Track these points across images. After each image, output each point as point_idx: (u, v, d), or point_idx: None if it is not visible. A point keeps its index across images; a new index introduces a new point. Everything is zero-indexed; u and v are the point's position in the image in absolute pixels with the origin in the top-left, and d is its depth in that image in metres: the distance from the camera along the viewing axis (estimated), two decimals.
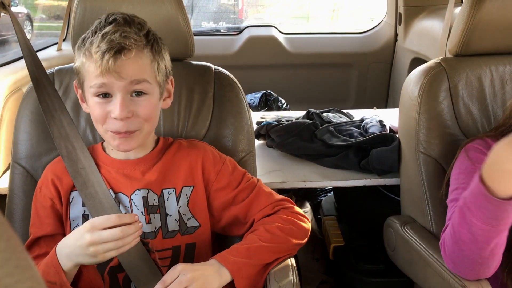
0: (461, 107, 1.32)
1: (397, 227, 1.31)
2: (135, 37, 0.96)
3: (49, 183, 1.07)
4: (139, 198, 1.05)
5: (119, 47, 0.94)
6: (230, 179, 1.11)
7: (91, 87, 0.97)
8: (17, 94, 1.61)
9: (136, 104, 0.99)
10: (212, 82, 1.31)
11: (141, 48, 0.98)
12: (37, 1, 5.87)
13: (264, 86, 2.79)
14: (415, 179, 1.31)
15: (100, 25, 0.98)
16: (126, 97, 0.97)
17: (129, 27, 0.97)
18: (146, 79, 0.98)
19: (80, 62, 0.99)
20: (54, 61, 2.02)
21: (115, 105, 0.96)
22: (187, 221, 1.08)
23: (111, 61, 0.93)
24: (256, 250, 1.01)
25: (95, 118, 1.01)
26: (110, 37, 0.94)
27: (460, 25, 1.31)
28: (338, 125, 1.72)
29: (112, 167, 1.08)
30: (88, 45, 0.96)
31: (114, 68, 0.94)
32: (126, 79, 0.95)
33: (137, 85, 0.98)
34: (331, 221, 1.93)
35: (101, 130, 1.02)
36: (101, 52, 0.93)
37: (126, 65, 0.95)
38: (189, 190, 1.09)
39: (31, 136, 1.23)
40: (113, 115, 0.97)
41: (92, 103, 1.00)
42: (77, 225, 1.05)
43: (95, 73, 0.95)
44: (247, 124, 1.30)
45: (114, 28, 0.95)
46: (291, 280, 1.01)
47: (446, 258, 1.03)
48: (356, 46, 2.98)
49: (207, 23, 4.02)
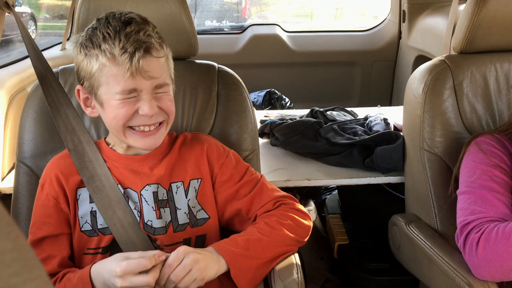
0: (466, 104, 1.31)
1: (402, 225, 1.31)
2: (155, 35, 0.97)
3: (52, 181, 1.05)
4: (149, 194, 1.05)
5: (145, 47, 0.93)
6: (233, 173, 1.11)
7: (118, 93, 0.95)
8: (21, 94, 1.61)
9: (159, 100, 1.00)
10: (216, 81, 1.31)
11: (161, 46, 0.98)
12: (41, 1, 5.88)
13: (268, 85, 2.79)
14: (420, 177, 1.31)
15: (111, 26, 0.95)
16: (152, 94, 0.98)
17: (148, 26, 0.97)
18: (166, 76, 1.00)
19: (98, 65, 0.95)
20: (58, 60, 2.02)
21: (144, 102, 0.96)
22: (197, 213, 1.08)
23: (141, 61, 0.92)
24: (255, 242, 1.01)
25: (118, 117, 0.98)
26: (135, 37, 0.93)
27: (464, 22, 1.30)
28: (342, 123, 1.72)
29: (120, 162, 1.08)
30: (107, 46, 0.93)
31: (143, 68, 0.93)
32: (154, 78, 0.96)
33: (161, 82, 0.98)
34: (336, 220, 1.93)
35: (121, 133, 1.00)
36: (129, 54, 0.92)
37: (152, 63, 0.95)
38: (197, 182, 1.09)
39: (35, 135, 1.23)
40: (142, 112, 0.97)
41: (115, 104, 0.97)
42: (85, 222, 1.04)
43: (121, 75, 0.93)
44: (251, 123, 1.30)
45: (135, 27, 0.94)
46: (295, 279, 1.01)
47: (476, 256, 0.98)
48: (360, 44, 2.97)
49: (210, 22, 4.02)
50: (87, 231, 1.03)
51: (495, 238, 0.96)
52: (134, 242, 1.01)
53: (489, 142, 1.12)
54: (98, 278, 0.93)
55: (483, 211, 1.03)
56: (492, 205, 1.04)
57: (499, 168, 1.08)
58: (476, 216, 1.03)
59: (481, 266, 0.98)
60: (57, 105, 1.12)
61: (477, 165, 1.10)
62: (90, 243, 1.04)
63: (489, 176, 1.07)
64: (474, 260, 0.99)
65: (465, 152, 1.16)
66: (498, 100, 1.33)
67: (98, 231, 1.04)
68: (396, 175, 1.50)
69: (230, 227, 1.15)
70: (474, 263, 0.99)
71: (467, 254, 1.01)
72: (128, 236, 1.02)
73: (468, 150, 1.16)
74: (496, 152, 1.11)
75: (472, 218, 1.03)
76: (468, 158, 1.14)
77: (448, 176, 1.25)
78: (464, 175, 1.13)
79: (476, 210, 1.04)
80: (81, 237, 1.04)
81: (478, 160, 1.11)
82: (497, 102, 1.33)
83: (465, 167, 1.13)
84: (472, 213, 1.04)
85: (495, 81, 1.33)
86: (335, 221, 1.92)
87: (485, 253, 0.97)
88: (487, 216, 1.02)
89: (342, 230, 1.85)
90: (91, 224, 1.04)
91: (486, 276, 0.98)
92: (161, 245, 1.04)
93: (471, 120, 1.31)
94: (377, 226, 1.59)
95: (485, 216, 1.02)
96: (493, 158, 1.09)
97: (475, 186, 1.07)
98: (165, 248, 1.04)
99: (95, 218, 1.04)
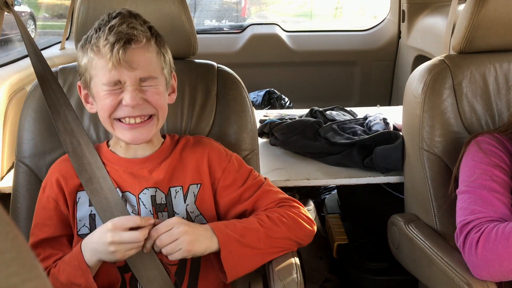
0: (465, 104, 1.31)
1: (401, 225, 1.31)
2: (142, 28, 0.98)
3: (53, 183, 1.06)
4: (147, 197, 1.05)
5: (127, 38, 0.95)
6: (236, 177, 1.10)
7: (104, 84, 0.98)
8: (21, 93, 1.61)
9: (146, 92, 1.00)
10: (216, 81, 1.31)
11: (148, 40, 0.99)
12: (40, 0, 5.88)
13: (267, 84, 2.79)
14: (419, 177, 1.31)
15: (103, 22, 0.98)
16: (137, 86, 0.98)
17: (135, 19, 0.99)
18: (154, 69, 1.00)
19: (87, 59, 0.99)
20: (57, 59, 2.02)
21: (127, 93, 0.97)
22: (195, 218, 1.07)
23: (121, 51, 0.94)
24: (252, 231, 1.00)
25: (104, 108, 1.00)
26: (117, 29, 0.95)
27: (464, 22, 1.30)
28: (341, 123, 1.72)
29: (119, 165, 1.07)
30: (95, 40, 0.97)
31: (125, 59, 0.94)
32: (137, 69, 0.97)
33: (146, 75, 0.99)
34: (335, 219, 1.93)
35: (108, 124, 1.02)
36: (110, 44, 0.94)
37: (136, 55, 0.96)
38: (196, 188, 1.08)
39: (35, 135, 1.23)
40: (124, 102, 0.98)
41: (102, 95, 0.99)
42: (83, 226, 1.04)
43: (106, 67, 0.95)
44: (250, 123, 1.30)
45: (120, 20, 0.96)
46: (295, 278, 1.00)
47: (475, 255, 0.98)
48: (359, 43, 2.98)
49: (210, 21, 4.02)
50: (85, 234, 1.03)
51: (494, 238, 0.96)
52: None
53: (489, 141, 1.12)
54: (88, 246, 0.96)
55: (483, 211, 1.03)
56: (492, 205, 1.03)
57: (499, 168, 1.08)
58: (476, 216, 1.02)
59: (480, 266, 0.98)
60: (56, 106, 1.12)
61: (477, 164, 1.10)
62: None
63: (490, 176, 1.07)
64: (474, 259, 0.99)
65: (465, 152, 1.16)
66: (497, 100, 1.33)
67: None
68: (395, 175, 1.50)
69: None
70: (474, 262, 0.99)
71: (467, 254, 1.01)
72: None
73: (468, 149, 1.15)
74: (496, 152, 1.10)
75: (471, 218, 1.03)
76: (468, 157, 1.14)
77: (447, 176, 1.25)
78: (464, 175, 1.12)
79: (476, 210, 1.03)
80: (79, 241, 1.03)
81: (478, 160, 1.10)
82: (497, 102, 1.33)
83: (465, 167, 1.13)
84: (472, 213, 1.04)
85: (494, 81, 1.33)
86: (334, 220, 1.92)
87: (484, 253, 0.97)
88: (486, 216, 1.02)
89: (342, 230, 1.85)
90: (90, 227, 1.04)
91: (485, 276, 0.98)
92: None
93: (471, 120, 1.31)
94: (376, 226, 1.59)
95: (484, 216, 1.02)
96: (493, 158, 1.09)
97: (475, 185, 1.07)
98: None
99: (94, 222, 1.04)
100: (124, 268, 1.03)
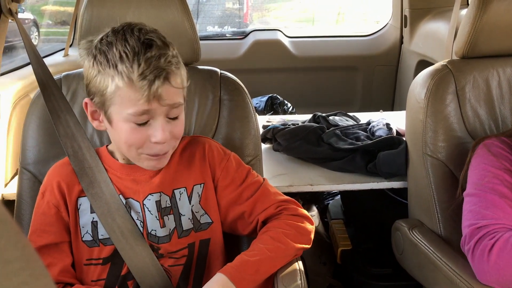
0: (468, 109, 1.31)
1: (405, 231, 1.30)
2: (176, 60, 0.94)
3: (53, 188, 1.04)
4: (152, 203, 1.05)
5: (165, 74, 0.91)
6: (235, 176, 1.10)
7: (130, 114, 0.92)
8: (25, 100, 1.62)
9: (172, 125, 0.97)
10: (219, 87, 1.31)
11: (179, 70, 0.96)
12: (44, 7, 5.91)
13: (270, 90, 2.79)
14: (423, 182, 1.31)
15: (125, 42, 0.91)
16: (165, 120, 0.95)
17: (168, 49, 0.94)
18: (180, 95, 0.97)
19: (114, 86, 0.91)
20: (61, 66, 2.03)
21: (157, 129, 0.94)
22: (200, 217, 1.07)
23: (159, 90, 0.90)
24: (265, 262, 0.99)
25: (130, 143, 0.96)
26: (155, 64, 0.90)
27: (466, 27, 1.30)
28: (344, 129, 1.72)
29: (121, 172, 1.07)
30: (125, 69, 0.89)
31: (161, 96, 0.91)
32: (169, 103, 0.93)
33: (175, 108, 0.96)
34: (339, 225, 1.93)
35: (133, 153, 0.99)
36: (148, 81, 0.89)
37: (170, 91, 0.92)
38: (200, 188, 1.08)
39: (39, 142, 1.24)
40: (154, 139, 0.95)
41: (126, 128, 0.95)
42: (86, 232, 1.04)
43: (138, 100, 0.90)
44: (253, 128, 1.30)
45: (156, 52, 0.91)
46: (299, 284, 1.00)
47: (487, 262, 0.97)
48: (361, 49, 2.98)
49: (212, 28, 4.03)
50: (88, 241, 1.03)
51: (511, 247, 0.95)
52: (134, 250, 1.01)
53: (498, 144, 1.11)
54: None
55: (495, 217, 1.01)
56: (505, 212, 1.01)
57: (510, 173, 1.06)
58: (489, 221, 1.00)
59: (490, 273, 0.96)
60: (57, 111, 1.12)
61: (488, 167, 1.08)
62: (90, 254, 1.03)
63: (501, 180, 1.05)
64: (484, 266, 0.97)
65: (473, 155, 1.14)
66: (500, 105, 1.33)
67: (99, 241, 1.03)
68: (399, 180, 1.49)
69: (233, 232, 1.15)
70: (483, 269, 0.97)
71: (476, 259, 0.99)
72: (129, 244, 1.01)
73: (477, 152, 1.14)
74: (506, 156, 1.08)
75: (484, 223, 1.01)
76: (477, 160, 1.12)
77: (451, 181, 1.24)
78: (473, 177, 1.10)
79: (488, 215, 1.01)
80: (82, 247, 1.03)
81: (488, 163, 1.08)
82: (500, 107, 1.32)
83: (474, 169, 1.11)
84: (484, 218, 1.01)
85: (497, 85, 1.33)
86: (338, 226, 1.92)
87: (498, 261, 0.95)
88: (500, 223, 1.00)
89: (345, 236, 1.85)
90: (92, 234, 1.03)
91: (493, 283, 0.97)
92: (164, 253, 1.03)
93: (474, 125, 1.31)
94: (380, 231, 1.59)
95: (498, 222, 1.00)
96: (504, 161, 1.07)
97: (485, 189, 1.05)
98: (168, 255, 1.04)
99: (96, 229, 1.04)
100: (127, 276, 1.03)
